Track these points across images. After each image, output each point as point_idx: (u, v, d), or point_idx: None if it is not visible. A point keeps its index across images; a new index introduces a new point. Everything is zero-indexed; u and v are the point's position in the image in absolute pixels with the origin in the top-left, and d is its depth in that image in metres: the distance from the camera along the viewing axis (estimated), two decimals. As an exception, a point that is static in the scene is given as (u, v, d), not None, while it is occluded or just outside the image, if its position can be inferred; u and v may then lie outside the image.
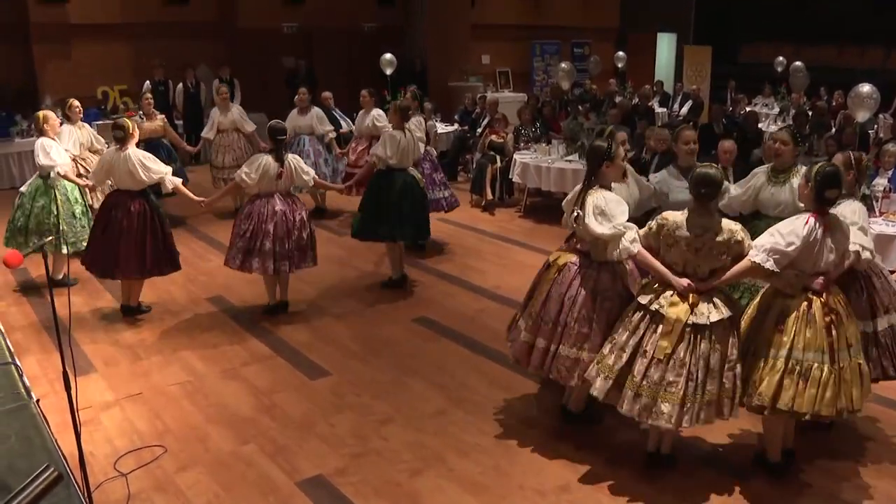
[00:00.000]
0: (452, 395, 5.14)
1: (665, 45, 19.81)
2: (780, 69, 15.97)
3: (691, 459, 4.38)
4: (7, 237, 6.89)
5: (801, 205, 4.20)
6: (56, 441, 2.68)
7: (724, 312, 3.92)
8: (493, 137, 10.76)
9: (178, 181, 6.38)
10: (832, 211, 3.97)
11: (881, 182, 7.38)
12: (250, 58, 14.05)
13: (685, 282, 3.94)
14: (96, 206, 7.02)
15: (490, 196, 10.36)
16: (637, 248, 4.08)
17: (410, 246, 7.86)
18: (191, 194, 6.49)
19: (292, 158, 6.46)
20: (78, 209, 6.94)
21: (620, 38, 19.46)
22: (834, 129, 10.75)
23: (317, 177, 6.88)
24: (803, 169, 4.46)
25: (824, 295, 3.88)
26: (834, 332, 3.83)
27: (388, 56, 13.27)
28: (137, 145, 6.29)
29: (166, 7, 13.68)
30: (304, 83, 13.17)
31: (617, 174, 4.60)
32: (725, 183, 5.36)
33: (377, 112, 9.19)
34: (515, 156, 10.18)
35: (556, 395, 4.97)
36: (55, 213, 6.77)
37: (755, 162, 7.50)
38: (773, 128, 12.70)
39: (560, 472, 4.25)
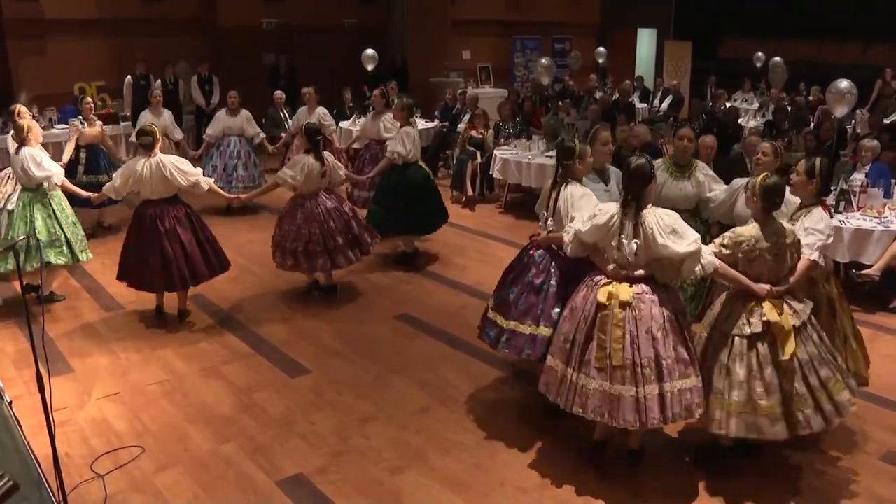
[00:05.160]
0: (434, 393, 5.12)
1: (645, 41, 19.89)
2: (759, 64, 16.04)
3: (667, 452, 4.39)
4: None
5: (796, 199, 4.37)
6: (28, 443, 2.64)
7: (808, 305, 3.99)
8: (474, 133, 10.76)
9: (211, 181, 6.27)
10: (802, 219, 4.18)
11: (858, 177, 7.43)
12: (230, 55, 13.93)
13: (766, 287, 3.90)
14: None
15: (470, 192, 10.37)
16: (717, 259, 3.90)
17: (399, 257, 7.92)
18: (224, 192, 6.77)
19: (327, 155, 6.55)
20: (73, 216, 6.63)
21: (601, 34, 19.52)
22: (812, 125, 10.83)
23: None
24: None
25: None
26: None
27: (369, 52, 13.22)
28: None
29: (144, 3, 13.53)
30: (285, 79, 13.22)
31: (592, 165, 4.76)
32: (713, 193, 5.43)
33: (321, 110, 9.71)
34: (496, 151, 10.17)
35: (535, 391, 4.96)
36: (59, 224, 6.40)
37: (735, 157, 7.54)
38: (752, 123, 12.79)
39: (541, 469, 4.25)
